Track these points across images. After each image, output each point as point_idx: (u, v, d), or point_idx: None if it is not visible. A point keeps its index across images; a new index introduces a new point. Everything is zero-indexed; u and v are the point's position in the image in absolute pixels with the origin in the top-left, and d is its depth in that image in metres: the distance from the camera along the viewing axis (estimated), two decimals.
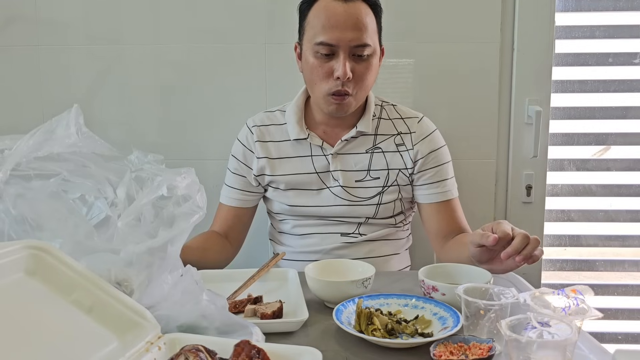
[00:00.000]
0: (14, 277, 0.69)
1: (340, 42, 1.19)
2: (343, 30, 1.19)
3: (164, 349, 0.71)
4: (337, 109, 1.25)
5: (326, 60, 1.22)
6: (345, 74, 1.19)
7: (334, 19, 1.19)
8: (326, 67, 1.22)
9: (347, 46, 1.20)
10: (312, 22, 1.23)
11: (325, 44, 1.20)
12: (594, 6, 1.65)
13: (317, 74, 1.23)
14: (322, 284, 1.01)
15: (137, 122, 1.68)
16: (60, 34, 1.63)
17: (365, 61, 1.23)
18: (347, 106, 1.26)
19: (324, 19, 1.20)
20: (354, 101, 1.26)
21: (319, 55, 1.22)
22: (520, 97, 1.64)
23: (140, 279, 0.75)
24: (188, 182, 0.82)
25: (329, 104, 1.25)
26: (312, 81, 1.25)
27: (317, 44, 1.21)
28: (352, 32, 1.19)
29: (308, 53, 1.24)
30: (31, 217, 0.76)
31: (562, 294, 0.81)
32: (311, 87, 1.28)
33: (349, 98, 1.24)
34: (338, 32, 1.19)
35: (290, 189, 1.34)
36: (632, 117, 1.68)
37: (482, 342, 0.79)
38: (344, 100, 1.24)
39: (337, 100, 1.24)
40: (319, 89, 1.25)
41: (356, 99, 1.26)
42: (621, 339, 1.76)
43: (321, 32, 1.20)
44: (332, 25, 1.19)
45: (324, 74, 1.22)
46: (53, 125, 0.81)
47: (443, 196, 1.34)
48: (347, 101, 1.24)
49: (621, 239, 1.74)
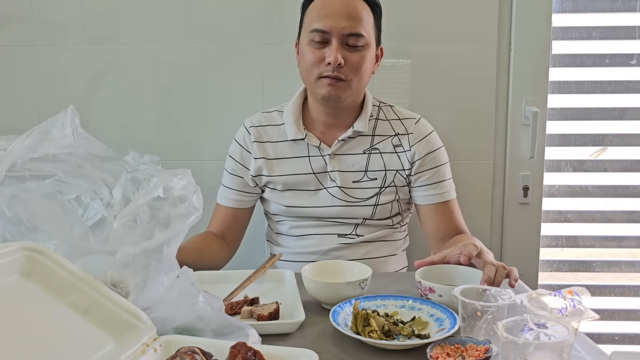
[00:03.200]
0: (9, 279, 0.68)
1: (333, 29, 1.22)
2: (337, 18, 1.22)
3: (159, 351, 0.71)
4: (329, 92, 1.25)
5: (319, 47, 1.24)
6: (336, 59, 1.21)
7: (329, 7, 1.23)
8: (318, 54, 1.24)
9: (340, 34, 1.22)
10: (310, 14, 1.27)
11: (318, 31, 1.23)
12: (590, 7, 1.65)
13: (310, 60, 1.25)
14: (319, 285, 1.01)
15: (134, 123, 1.67)
16: (56, 34, 1.63)
17: (359, 52, 1.25)
18: (341, 90, 1.25)
19: (319, 8, 1.25)
20: (349, 88, 1.26)
21: (313, 43, 1.24)
22: (517, 98, 1.64)
23: (136, 280, 0.75)
24: (184, 183, 0.82)
25: (322, 87, 1.25)
26: (305, 68, 1.27)
27: (312, 31, 1.24)
28: (346, 21, 1.22)
29: (303, 43, 1.27)
30: (26, 219, 0.75)
31: (559, 296, 0.81)
32: (305, 75, 1.29)
33: (343, 83, 1.25)
34: (332, 20, 1.22)
35: (287, 190, 1.34)
36: (628, 118, 1.69)
37: (479, 344, 0.79)
38: (337, 83, 1.24)
39: (331, 82, 1.24)
40: (311, 74, 1.26)
41: (351, 87, 1.26)
42: (618, 339, 1.77)
43: (316, 20, 1.24)
44: (326, 14, 1.23)
45: (316, 60, 1.24)
46: (49, 126, 0.80)
47: (441, 197, 1.34)
48: (341, 85, 1.25)
49: (618, 240, 1.74)
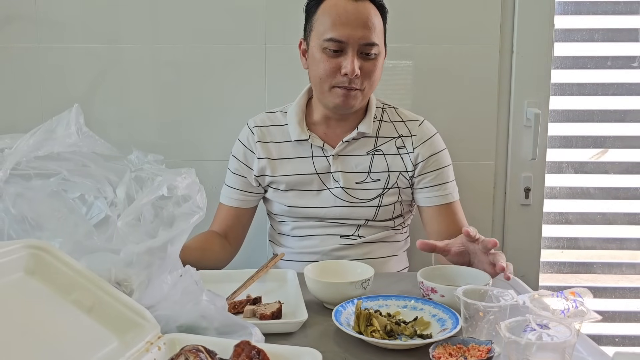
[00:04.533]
0: (14, 277, 0.69)
1: (349, 39, 1.21)
2: (353, 28, 1.20)
3: (163, 349, 0.71)
4: (343, 102, 1.25)
5: (334, 56, 1.22)
6: (353, 71, 1.20)
7: (344, 16, 1.21)
8: (333, 63, 1.22)
9: (356, 44, 1.21)
10: (322, 19, 1.24)
11: (335, 40, 1.21)
12: (593, 9, 1.65)
13: (324, 70, 1.23)
14: (321, 285, 1.01)
15: (136, 122, 1.67)
16: (59, 33, 1.63)
17: (373, 60, 1.24)
18: (353, 99, 1.25)
19: (334, 16, 1.22)
20: (361, 96, 1.26)
21: (328, 51, 1.23)
22: (519, 99, 1.64)
23: (140, 279, 0.76)
24: (188, 182, 0.82)
25: (336, 97, 1.25)
26: (318, 76, 1.26)
27: (327, 40, 1.22)
28: (362, 31, 1.21)
29: (315, 49, 1.25)
30: (31, 217, 0.76)
31: (561, 297, 0.81)
32: (317, 83, 1.28)
33: (356, 92, 1.25)
34: (348, 30, 1.20)
35: (290, 190, 1.34)
36: (630, 121, 1.69)
37: (481, 344, 0.80)
38: (350, 92, 1.24)
39: (344, 92, 1.24)
40: (325, 84, 1.25)
41: (363, 95, 1.27)
42: (618, 341, 1.77)
43: (331, 29, 1.21)
44: (342, 23, 1.21)
45: (330, 70, 1.23)
46: (53, 125, 0.81)
47: (444, 199, 1.34)
48: (354, 94, 1.25)
49: (618, 242, 1.74)
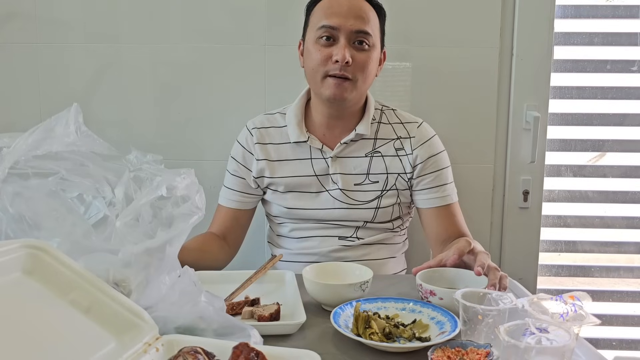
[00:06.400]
0: (11, 277, 0.68)
1: (341, 26, 1.22)
2: (345, 16, 1.23)
3: (161, 351, 0.70)
4: (334, 93, 1.24)
5: (327, 45, 1.24)
6: (344, 57, 1.21)
7: (337, 6, 1.24)
8: (325, 52, 1.24)
9: (348, 31, 1.23)
10: (317, 13, 1.27)
11: (326, 27, 1.23)
12: (592, 13, 1.66)
13: (317, 59, 1.24)
14: (320, 287, 1.01)
15: (135, 122, 1.67)
16: (59, 32, 1.62)
17: (366, 52, 1.25)
18: (346, 91, 1.25)
19: (327, 7, 1.26)
20: (354, 89, 1.26)
21: (321, 40, 1.24)
22: (519, 102, 1.64)
23: (139, 279, 0.75)
24: (187, 182, 0.81)
25: (328, 87, 1.25)
26: (312, 67, 1.26)
27: (319, 28, 1.24)
28: (354, 19, 1.23)
29: (310, 43, 1.27)
30: (29, 216, 0.75)
31: (560, 300, 0.81)
32: (311, 75, 1.28)
33: (349, 83, 1.24)
34: (341, 18, 1.23)
35: (289, 192, 1.34)
36: (628, 124, 1.69)
37: (480, 347, 0.79)
38: (343, 83, 1.24)
39: (337, 82, 1.24)
40: (317, 73, 1.25)
41: (356, 88, 1.26)
42: (615, 345, 1.77)
43: (324, 17, 1.24)
44: (334, 12, 1.24)
45: (323, 58, 1.24)
46: (52, 124, 0.80)
47: (442, 201, 1.34)
48: (347, 85, 1.24)
49: (616, 245, 1.75)
